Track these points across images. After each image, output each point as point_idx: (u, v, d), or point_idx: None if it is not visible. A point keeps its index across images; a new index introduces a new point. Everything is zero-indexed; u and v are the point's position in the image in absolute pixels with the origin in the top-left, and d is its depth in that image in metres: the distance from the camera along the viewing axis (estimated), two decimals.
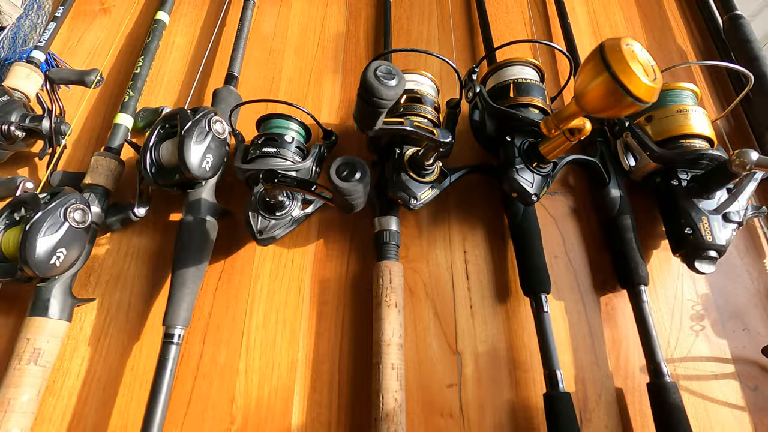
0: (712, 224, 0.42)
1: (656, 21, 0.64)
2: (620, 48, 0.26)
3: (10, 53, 0.59)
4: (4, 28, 1.48)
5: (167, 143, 0.44)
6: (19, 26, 1.86)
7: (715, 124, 0.54)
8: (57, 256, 0.38)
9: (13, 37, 1.87)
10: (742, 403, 0.42)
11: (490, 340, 0.44)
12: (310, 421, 0.41)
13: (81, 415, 0.41)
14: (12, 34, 1.90)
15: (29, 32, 2.01)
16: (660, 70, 0.29)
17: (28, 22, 2.00)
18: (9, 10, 1.68)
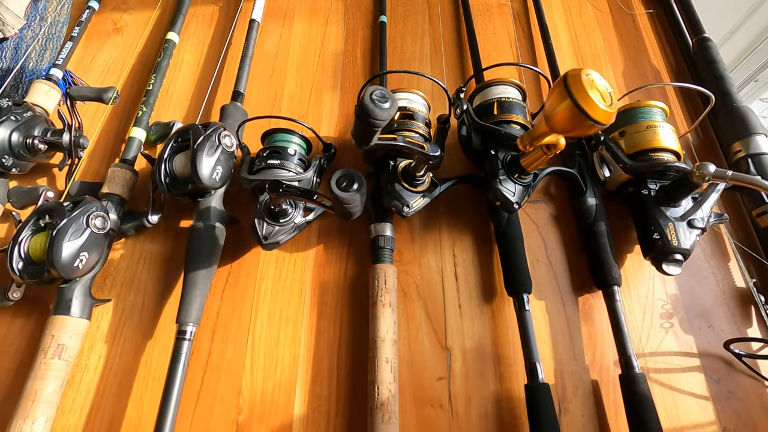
0: (678, 230, 0.46)
1: (632, 42, 0.68)
2: (580, 78, 0.30)
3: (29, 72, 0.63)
4: (7, 38, 1.54)
5: (180, 156, 0.48)
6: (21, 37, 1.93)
7: (685, 138, 0.59)
8: (80, 259, 0.42)
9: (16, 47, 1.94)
10: (707, 394, 0.45)
11: (477, 336, 0.48)
12: (311, 411, 0.44)
13: (98, 407, 0.44)
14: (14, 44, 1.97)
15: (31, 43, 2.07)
16: (633, 89, 0.33)
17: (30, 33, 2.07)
18: (12, 21, 1.75)
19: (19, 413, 0.38)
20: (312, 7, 0.71)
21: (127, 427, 0.44)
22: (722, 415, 0.44)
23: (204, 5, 0.71)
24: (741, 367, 0.47)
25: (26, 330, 0.48)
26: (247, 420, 0.44)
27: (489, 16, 0.71)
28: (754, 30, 1.11)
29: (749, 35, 1.13)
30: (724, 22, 1.13)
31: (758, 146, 0.53)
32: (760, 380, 0.46)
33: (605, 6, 0.72)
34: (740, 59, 1.19)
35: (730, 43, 1.17)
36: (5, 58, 2.37)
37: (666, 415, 0.44)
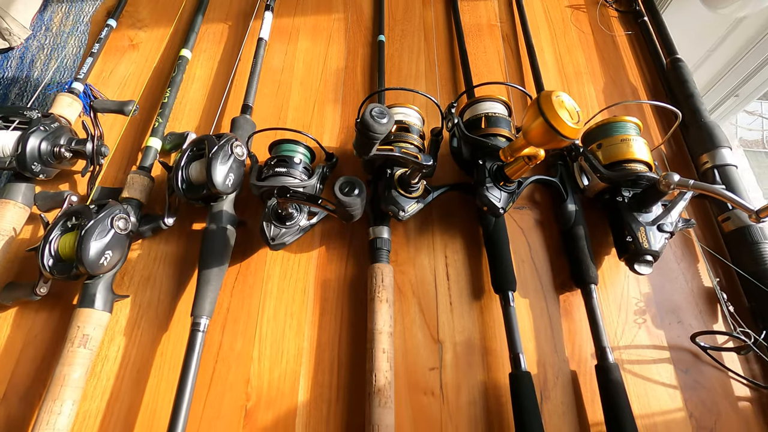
0: (649, 234, 0.51)
1: (612, 61, 0.74)
2: (551, 99, 0.35)
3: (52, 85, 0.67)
4: (13, 48, 1.61)
5: (196, 164, 0.52)
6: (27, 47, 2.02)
7: (659, 150, 0.64)
8: (105, 257, 0.46)
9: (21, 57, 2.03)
10: (675, 383, 0.50)
11: (466, 331, 0.52)
12: (313, 398, 0.48)
13: (118, 394, 0.48)
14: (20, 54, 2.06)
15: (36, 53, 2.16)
16: (608, 105, 0.38)
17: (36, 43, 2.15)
18: (18, 31, 1.83)
19: (49, 396, 0.42)
20: (315, 27, 0.77)
21: (144, 412, 0.47)
22: (689, 402, 0.49)
23: (214, 23, 0.77)
24: (707, 359, 0.51)
25: (50, 323, 0.52)
26: (255, 406, 0.48)
27: (480, 36, 0.76)
28: (733, 48, 1.17)
29: (728, 53, 1.19)
30: (704, 40, 1.19)
31: (723, 158, 0.58)
32: (723, 371, 0.50)
33: (588, 28, 0.78)
34: (721, 75, 1.25)
35: (711, 60, 1.23)
36: (11, 67, 2.44)
37: (638, 402, 0.48)
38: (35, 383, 0.48)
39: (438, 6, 0.80)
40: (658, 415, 0.48)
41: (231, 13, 0.78)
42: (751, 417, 0.48)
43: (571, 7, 0.80)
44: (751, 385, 0.49)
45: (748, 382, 0.49)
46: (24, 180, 0.55)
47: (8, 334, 0.51)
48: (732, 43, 1.17)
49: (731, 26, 1.14)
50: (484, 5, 0.80)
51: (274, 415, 0.47)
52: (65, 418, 0.42)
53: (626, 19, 0.79)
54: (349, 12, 0.79)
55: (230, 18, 0.78)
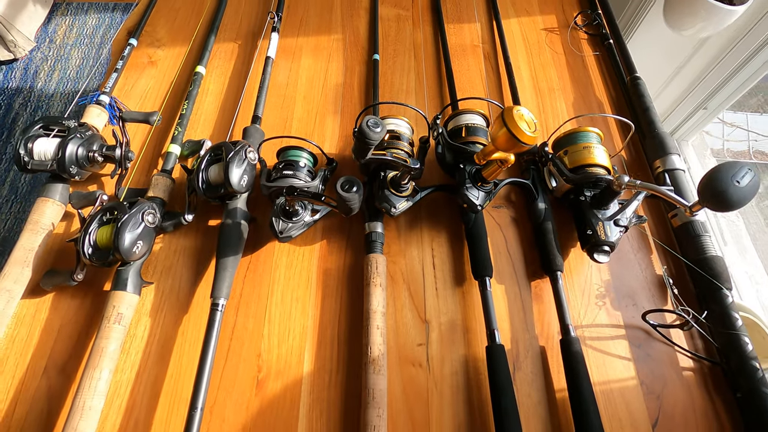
0: (606, 227, 0.59)
1: (581, 78, 0.83)
2: (512, 113, 0.43)
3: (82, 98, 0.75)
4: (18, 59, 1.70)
5: (214, 167, 0.60)
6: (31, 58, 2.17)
7: (619, 156, 0.73)
8: (137, 246, 0.54)
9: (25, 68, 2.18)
10: (629, 356, 0.58)
11: (450, 312, 0.59)
12: (316, 369, 0.55)
13: (145, 367, 0.55)
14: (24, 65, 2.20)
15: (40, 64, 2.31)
16: (571, 117, 0.46)
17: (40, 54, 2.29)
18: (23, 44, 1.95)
19: (89, 364, 0.49)
20: (316, 46, 0.85)
21: (168, 382, 0.54)
22: (641, 372, 0.57)
23: (226, 43, 0.85)
24: (657, 336, 0.59)
25: (83, 307, 0.59)
26: (266, 377, 0.55)
27: (464, 55, 0.85)
28: (699, 65, 1.28)
29: (695, 69, 1.29)
30: (674, 58, 1.29)
31: (673, 163, 0.67)
32: (670, 345, 0.58)
33: (560, 48, 0.87)
34: (690, 90, 1.35)
35: (680, 76, 1.34)
36: (15, 77, 2.56)
37: (597, 372, 0.56)
38: (71, 358, 0.55)
39: (426, 28, 0.89)
40: (614, 383, 0.56)
41: (240, 33, 0.87)
42: (692, 384, 0.56)
43: (546, 30, 0.90)
44: (693, 357, 0.57)
45: (691, 354, 0.57)
46: (60, 181, 0.62)
47: (47, 315, 0.58)
48: (698, 61, 1.28)
49: (697, 46, 1.25)
50: (468, 28, 0.89)
51: (282, 384, 0.54)
52: (104, 384, 0.49)
53: (594, 41, 0.88)
54: (346, 33, 0.88)
55: (240, 38, 0.86)
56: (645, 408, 0.54)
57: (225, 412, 0.53)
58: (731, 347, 0.54)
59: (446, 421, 0.53)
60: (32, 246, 0.56)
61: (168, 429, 0.52)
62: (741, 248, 1.37)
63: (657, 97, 1.41)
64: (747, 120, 1.72)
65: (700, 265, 0.59)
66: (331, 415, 0.53)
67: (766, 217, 1.45)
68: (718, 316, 0.56)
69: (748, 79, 1.22)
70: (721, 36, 1.17)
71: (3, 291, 0.53)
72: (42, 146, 0.60)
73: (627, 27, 1.31)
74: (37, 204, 0.59)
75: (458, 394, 0.54)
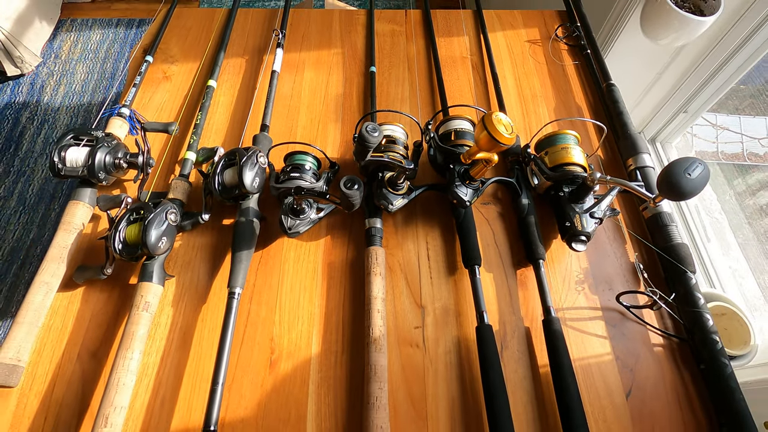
0: (582, 219, 0.66)
1: (562, 86, 0.90)
2: (492, 118, 0.50)
3: (106, 111, 0.81)
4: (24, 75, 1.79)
5: (229, 170, 0.66)
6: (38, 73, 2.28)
7: (596, 155, 0.80)
8: (162, 241, 0.60)
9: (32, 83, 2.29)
10: (605, 335, 0.64)
11: (443, 299, 0.66)
12: (323, 351, 0.61)
13: (169, 351, 0.61)
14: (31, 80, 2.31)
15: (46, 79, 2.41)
16: (552, 120, 0.52)
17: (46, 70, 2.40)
18: (30, 59, 2.05)
19: (122, 346, 0.55)
20: (318, 60, 0.92)
21: (190, 365, 0.60)
22: (616, 348, 0.63)
23: (234, 58, 0.92)
24: (631, 317, 0.65)
25: (111, 299, 0.65)
26: (278, 358, 0.61)
27: (454, 66, 0.92)
28: (678, 71, 1.36)
29: (674, 75, 1.37)
30: (654, 64, 1.37)
31: (643, 161, 0.74)
32: (642, 324, 0.64)
33: (542, 59, 0.94)
34: (670, 94, 1.43)
35: (660, 81, 1.41)
36: (22, 92, 2.66)
37: (576, 349, 0.62)
38: (102, 345, 0.61)
39: (419, 42, 0.97)
40: (591, 358, 0.62)
41: (248, 49, 0.94)
42: (662, 358, 0.62)
43: (529, 42, 0.97)
44: (663, 334, 0.64)
45: (660, 332, 0.64)
46: (89, 185, 0.68)
47: (79, 307, 0.64)
48: (676, 67, 1.36)
49: (674, 53, 1.32)
50: (458, 41, 0.96)
51: (293, 364, 0.60)
52: (135, 363, 0.55)
53: (573, 51, 0.96)
54: (345, 48, 0.95)
55: (247, 53, 0.93)
56: (620, 380, 0.60)
57: (242, 389, 0.59)
58: (695, 324, 0.60)
59: (441, 395, 0.59)
60: (66, 244, 0.63)
61: (191, 405, 0.57)
62: (724, 244, 1.43)
63: (640, 102, 1.48)
64: (740, 122, 1.77)
65: (667, 252, 0.66)
66: (337, 391, 0.59)
67: (747, 215, 1.52)
68: (684, 296, 0.62)
69: (725, 83, 1.30)
70: (697, 44, 1.25)
71: (42, 284, 0.59)
72: (73, 154, 0.66)
73: (608, 37, 1.38)
74: (69, 206, 0.66)
75: (451, 371, 0.60)
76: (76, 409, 0.57)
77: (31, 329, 0.57)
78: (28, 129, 2.10)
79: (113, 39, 2.43)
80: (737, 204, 1.53)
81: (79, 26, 2.48)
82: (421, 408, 0.58)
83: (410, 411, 0.58)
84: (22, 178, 1.93)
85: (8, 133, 2.08)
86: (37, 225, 1.78)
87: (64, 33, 2.43)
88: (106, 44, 2.41)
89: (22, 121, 2.14)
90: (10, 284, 1.64)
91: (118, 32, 2.46)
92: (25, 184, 1.91)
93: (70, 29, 2.45)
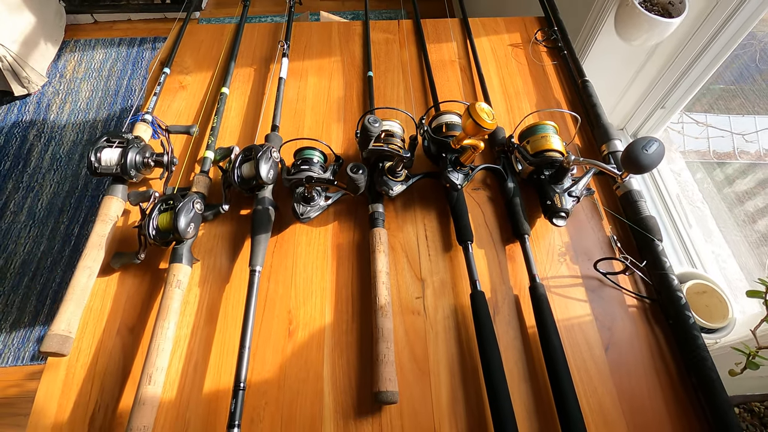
0: (561, 198, 0.74)
1: (542, 83, 0.99)
2: (475, 107, 0.59)
3: (132, 117, 0.90)
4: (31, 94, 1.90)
5: (246, 164, 0.75)
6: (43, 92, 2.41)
7: (573, 143, 0.88)
8: (190, 227, 0.68)
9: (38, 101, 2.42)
10: (586, 299, 0.72)
11: (441, 272, 0.74)
12: (335, 320, 0.69)
13: (198, 324, 0.69)
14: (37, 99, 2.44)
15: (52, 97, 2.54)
16: (529, 113, 0.61)
17: (51, 89, 2.52)
18: (36, 79, 2.18)
19: (159, 317, 0.63)
20: (320, 67, 1.01)
21: (217, 336, 0.68)
22: (595, 310, 0.71)
23: (244, 68, 1.01)
24: (608, 283, 0.73)
25: (144, 282, 0.72)
26: (296, 327, 0.68)
27: (444, 69, 1.01)
28: (654, 68, 1.45)
29: (651, 72, 1.47)
30: (632, 62, 1.46)
31: (615, 147, 0.82)
32: (618, 289, 0.72)
33: (524, 60, 1.04)
34: (649, 90, 1.52)
35: (639, 78, 1.51)
36: (29, 111, 2.77)
37: (560, 311, 0.70)
38: (138, 322, 0.69)
39: (411, 48, 1.06)
40: (574, 319, 0.70)
41: (256, 59, 1.03)
42: (636, 317, 0.70)
43: (512, 45, 1.06)
44: (636, 296, 0.72)
45: (634, 295, 0.72)
46: (121, 182, 0.76)
47: (116, 289, 0.71)
48: (652, 65, 1.45)
49: (649, 52, 1.42)
50: (446, 46, 1.06)
51: (309, 332, 0.68)
52: (171, 332, 0.62)
53: (552, 53, 1.05)
54: (344, 55, 1.04)
55: (255, 63, 1.02)
56: (599, 337, 0.68)
57: (265, 355, 0.66)
58: (662, 284, 0.68)
59: (441, 355, 0.66)
60: (104, 233, 0.71)
61: (221, 369, 0.65)
62: (707, 231, 1.52)
63: (621, 99, 1.58)
64: (730, 122, 1.85)
65: (637, 224, 0.74)
66: (349, 354, 0.66)
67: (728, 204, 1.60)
68: (652, 261, 0.70)
69: (698, 79, 1.39)
70: (669, 43, 1.34)
71: (85, 268, 0.67)
72: (107, 155, 0.74)
73: (587, 39, 1.48)
74: (104, 201, 0.74)
75: (450, 334, 0.68)
76: (119, 377, 0.64)
77: (78, 306, 0.64)
78: (36, 146, 2.18)
79: (116, 58, 2.53)
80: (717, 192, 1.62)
81: (82, 46, 2.58)
82: (424, 366, 0.66)
83: (414, 368, 0.65)
84: (31, 193, 2.01)
85: (17, 151, 2.16)
86: (47, 238, 1.85)
87: (68, 53, 2.53)
88: (108, 63, 2.51)
89: (29, 138, 2.23)
90: (23, 295, 1.71)
91: (120, 51, 2.56)
92: (34, 199, 1.99)
93: (73, 50, 2.55)
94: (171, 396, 0.63)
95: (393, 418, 0.62)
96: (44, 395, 0.62)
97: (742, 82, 1.59)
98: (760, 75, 1.49)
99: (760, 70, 1.53)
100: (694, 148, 1.68)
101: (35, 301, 1.70)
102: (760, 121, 1.56)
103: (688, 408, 0.63)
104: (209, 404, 0.62)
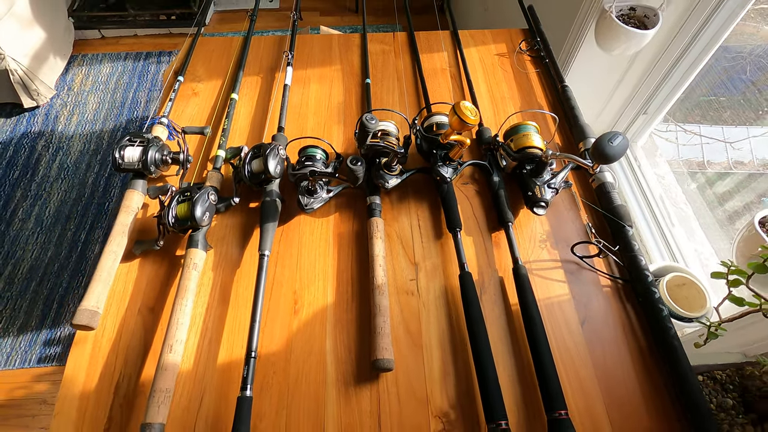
0: (541, 189, 0.81)
1: (526, 89, 1.08)
2: (461, 105, 0.67)
3: (150, 120, 0.97)
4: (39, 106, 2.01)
5: (255, 161, 0.82)
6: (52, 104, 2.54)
7: (554, 141, 0.96)
8: (205, 215, 0.75)
9: (47, 113, 2.55)
10: (564, 280, 0.79)
11: (433, 257, 0.81)
12: (337, 300, 0.76)
13: (212, 304, 0.75)
14: (46, 111, 2.56)
15: (60, 109, 2.67)
16: (512, 113, 0.69)
17: (59, 101, 2.65)
18: (44, 92, 2.31)
19: (179, 295, 0.70)
20: (321, 75, 1.10)
21: (230, 314, 0.74)
22: (573, 290, 0.78)
23: (252, 76, 1.09)
24: (585, 266, 0.80)
25: (162, 267, 0.79)
26: (300, 306, 0.75)
27: (435, 76, 1.10)
28: (635, 76, 1.54)
29: (632, 80, 1.56)
30: (614, 70, 1.56)
31: (590, 144, 0.90)
32: (594, 271, 0.80)
33: (509, 68, 1.12)
34: (631, 97, 1.61)
35: (622, 86, 1.60)
36: (38, 122, 2.88)
37: (541, 291, 0.77)
38: (157, 303, 0.76)
39: (405, 58, 1.15)
40: (553, 298, 0.77)
41: (262, 68, 1.12)
42: (610, 296, 0.77)
43: (498, 54, 1.15)
44: (610, 278, 0.79)
45: (608, 276, 0.79)
46: (141, 177, 0.84)
47: (137, 274, 0.78)
48: (634, 72, 1.55)
49: (630, 61, 1.52)
50: (438, 56, 1.15)
51: (313, 311, 0.75)
52: (189, 308, 0.69)
53: (535, 61, 1.14)
54: (344, 64, 1.13)
55: (262, 72, 1.11)
56: (576, 314, 0.75)
57: (273, 331, 0.73)
58: (632, 264, 0.76)
59: (433, 329, 0.73)
60: (126, 222, 0.78)
61: (233, 343, 0.71)
62: (689, 230, 1.59)
63: (606, 106, 1.67)
64: (723, 132, 1.92)
65: (611, 213, 0.81)
66: (349, 329, 0.73)
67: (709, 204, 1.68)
68: (623, 245, 0.78)
69: (676, 86, 1.48)
70: (648, 52, 1.44)
71: (111, 252, 0.74)
72: (130, 152, 0.82)
73: (572, 49, 1.58)
74: (127, 194, 0.81)
75: (441, 311, 0.75)
76: (141, 351, 0.71)
77: (105, 286, 0.71)
78: (44, 156, 2.26)
79: (122, 71, 2.63)
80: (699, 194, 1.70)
81: (89, 61, 2.68)
82: (417, 340, 0.72)
83: (409, 341, 0.72)
84: (39, 201, 2.08)
85: (25, 160, 2.24)
86: (54, 244, 1.92)
87: (76, 67, 2.63)
88: (115, 76, 2.61)
89: (38, 149, 2.31)
90: (30, 300, 1.77)
91: (126, 65, 2.66)
92: (41, 207, 2.06)
93: (81, 63, 2.65)
94: (188, 366, 0.69)
95: (389, 385, 0.68)
96: (73, 366, 0.69)
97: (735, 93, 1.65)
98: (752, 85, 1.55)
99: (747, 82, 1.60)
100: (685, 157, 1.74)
101: (42, 306, 1.76)
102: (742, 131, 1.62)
103: (656, 376, 0.70)
104: (223, 374, 0.69)
